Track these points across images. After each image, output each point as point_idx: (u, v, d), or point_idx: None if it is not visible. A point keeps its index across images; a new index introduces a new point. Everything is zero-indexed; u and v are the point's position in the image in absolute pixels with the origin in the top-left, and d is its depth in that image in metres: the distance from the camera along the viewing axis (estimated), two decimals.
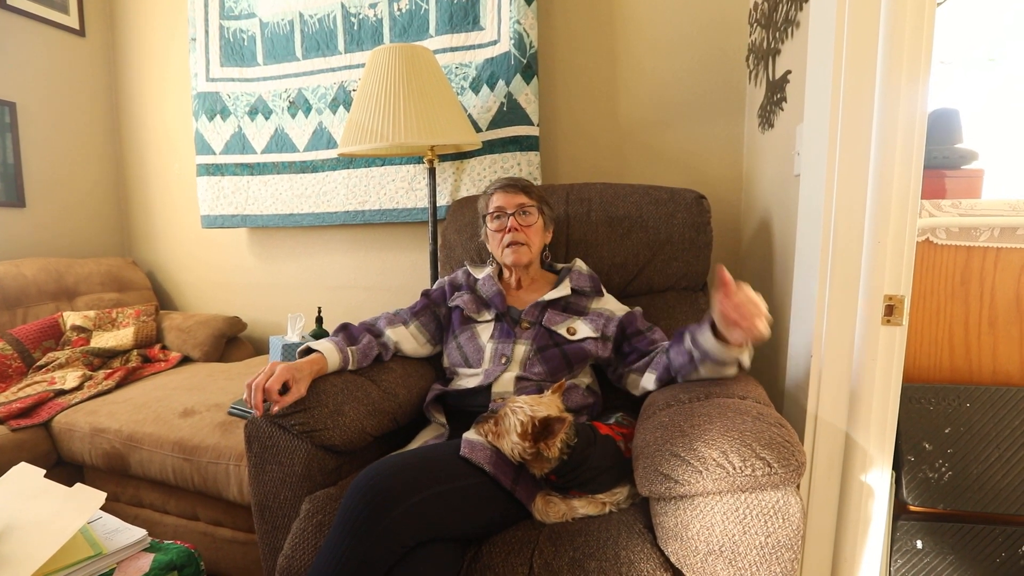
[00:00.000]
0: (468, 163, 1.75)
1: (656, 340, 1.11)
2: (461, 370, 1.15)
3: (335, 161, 1.89)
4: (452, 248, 1.47)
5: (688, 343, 0.93)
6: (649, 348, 1.09)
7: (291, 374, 0.95)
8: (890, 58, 0.84)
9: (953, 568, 1.00)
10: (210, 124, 2.04)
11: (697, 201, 1.31)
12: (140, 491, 1.44)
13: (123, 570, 0.79)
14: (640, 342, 1.11)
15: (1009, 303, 0.99)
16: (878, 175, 0.86)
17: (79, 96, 2.23)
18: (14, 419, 1.45)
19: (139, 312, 1.99)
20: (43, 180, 2.12)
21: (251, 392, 0.93)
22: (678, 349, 0.96)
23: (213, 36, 2.02)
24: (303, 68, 1.91)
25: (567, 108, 1.74)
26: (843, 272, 0.90)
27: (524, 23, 1.59)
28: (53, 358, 1.73)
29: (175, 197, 2.29)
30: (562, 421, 0.83)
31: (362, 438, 1.01)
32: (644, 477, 0.78)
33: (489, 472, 0.84)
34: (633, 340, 1.12)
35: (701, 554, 0.72)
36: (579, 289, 1.20)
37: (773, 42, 1.27)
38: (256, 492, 1.00)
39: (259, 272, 2.18)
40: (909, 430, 0.99)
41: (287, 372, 0.94)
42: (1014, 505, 0.97)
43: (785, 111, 1.20)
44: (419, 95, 1.42)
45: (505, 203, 1.18)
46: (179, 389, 1.58)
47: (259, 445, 0.99)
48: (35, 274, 1.89)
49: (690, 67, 1.60)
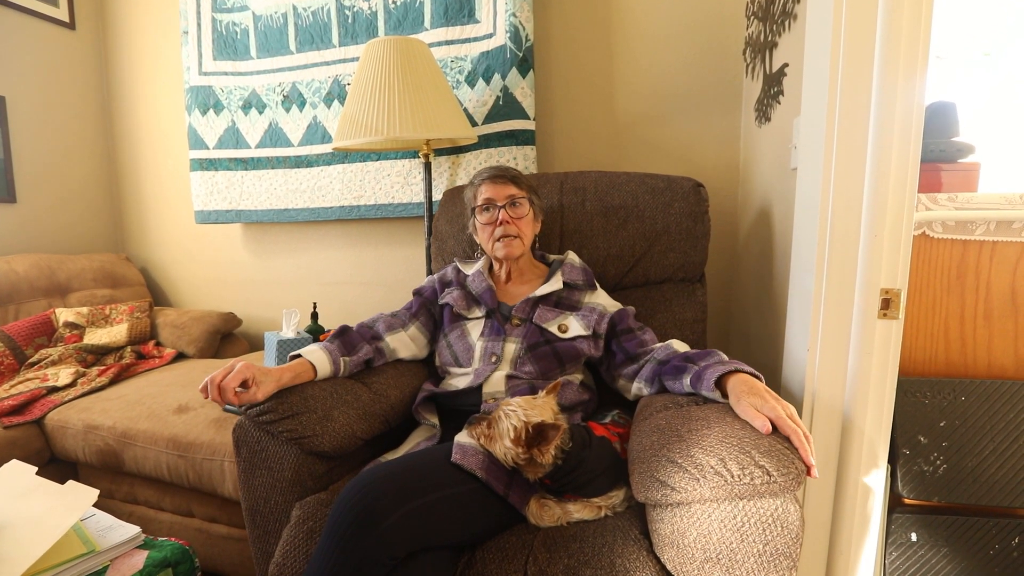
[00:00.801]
0: (464, 157, 1.73)
1: (647, 342, 1.08)
2: (452, 369, 1.14)
3: (330, 156, 1.88)
4: (444, 240, 1.45)
5: (687, 387, 0.91)
6: (639, 350, 1.07)
7: (251, 374, 0.91)
8: (888, 51, 0.83)
9: (947, 560, 1.01)
10: (203, 118, 2.02)
11: (695, 189, 1.29)
12: (134, 488, 1.43)
13: (117, 567, 0.78)
14: (629, 342, 1.09)
15: (1004, 297, 0.99)
16: (875, 168, 0.86)
17: (70, 90, 2.20)
18: (6, 416, 1.44)
19: (133, 308, 1.98)
20: (34, 175, 2.10)
21: (208, 387, 0.89)
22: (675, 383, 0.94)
23: (205, 29, 1.99)
24: (297, 62, 1.89)
25: (563, 102, 1.73)
26: (840, 265, 0.90)
27: (520, 16, 1.58)
28: (46, 355, 1.71)
29: (168, 192, 2.27)
30: (556, 429, 0.81)
31: (352, 443, 0.98)
32: (640, 484, 0.77)
33: (481, 478, 0.82)
34: (622, 338, 1.10)
35: (698, 562, 0.71)
36: (571, 283, 1.18)
37: (770, 35, 1.26)
38: (246, 497, 0.98)
39: (254, 268, 2.17)
40: (904, 423, 0.99)
41: (247, 371, 0.91)
42: (1008, 498, 0.98)
43: (782, 105, 1.20)
44: (414, 89, 1.41)
45: (494, 195, 1.15)
46: (173, 385, 1.57)
47: (248, 450, 0.97)
48: (27, 270, 1.87)
49: (687, 61, 1.59)
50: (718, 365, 0.87)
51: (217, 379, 0.89)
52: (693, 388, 0.89)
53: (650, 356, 1.04)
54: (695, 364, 0.91)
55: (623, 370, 1.08)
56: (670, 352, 1.01)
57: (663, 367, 0.98)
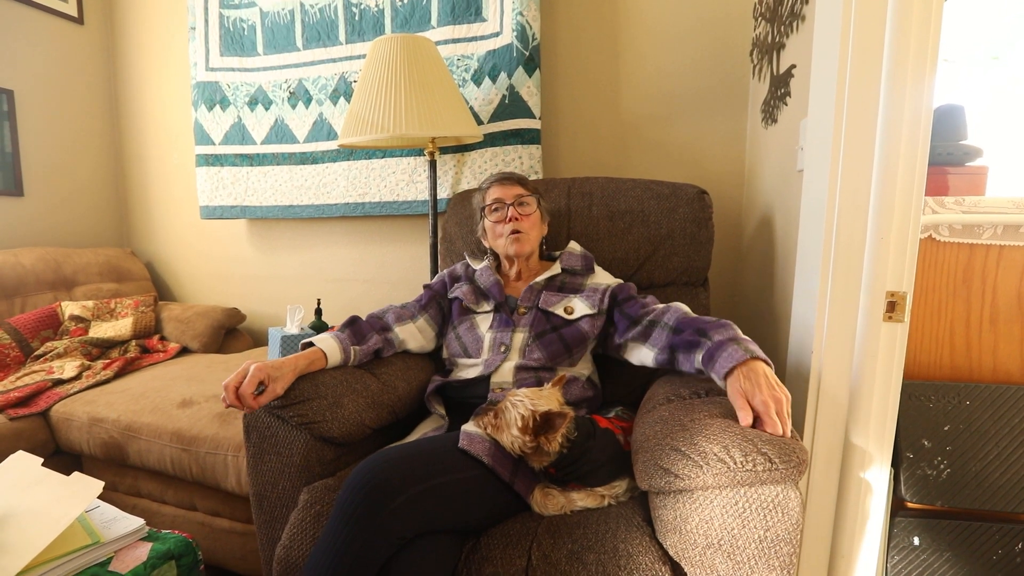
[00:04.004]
0: (469, 156, 1.74)
1: (648, 304, 1.07)
2: (460, 360, 1.15)
3: (335, 153, 1.88)
4: (452, 241, 1.47)
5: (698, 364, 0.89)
6: (641, 312, 1.06)
7: (266, 373, 0.92)
8: (897, 53, 0.83)
9: (949, 565, 1.00)
10: (209, 114, 2.03)
11: (699, 196, 1.30)
12: (138, 481, 1.44)
13: (121, 559, 0.79)
14: (631, 307, 1.08)
15: (1010, 301, 0.99)
16: (882, 171, 0.86)
17: (77, 84, 2.22)
18: (12, 408, 1.44)
19: (138, 303, 1.99)
20: (41, 169, 2.11)
21: (225, 394, 0.91)
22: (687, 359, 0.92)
23: (213, 25, 2.00)
24: (304, 58, 1.89)
25: (569, 101, 1.73)
26: (845, 268, 0.90)
27: (527, 15, 1.58)
28: (51, 348, 1.72)
29: (174, 187, 2.28)
30: (563, 416, 0.83)
31: (361, 430, 1.01)
32: (644, 471, 0.78)
33: (487, 464, 0.84)
34: (624, 306, 1.10)
35: (700, 547, 0.72)
36: (569, 268, 1.20)
37: (778, 36, 1.26)
38: (254, 482, 1.00)
39: (258, 263, 2.17)
40: (908, 427, 0.99)
41: (260, 372, 0.91)
42: (1012, 503, 0.97)
43: (789, 106, 1.20)
44: (420, 87, 1.41)
45: (503, 194, 1.19)
46: (177, 380, 1.58)
47: (257, 435, 0.99)
48: (33, 263, 1.88)
49: (693, 61, 1.59)
50: (731, 345, 0.84)
51: (232, 385, 0.90)
52: (704, 367, 0.87)
53: (656, 317, 1.02)
54: (708, 339, 0.88)
55: (628, 334, 1.06)
56: (680, 317, 0.98)
57: (677, 336, 0.95)
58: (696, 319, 0.96)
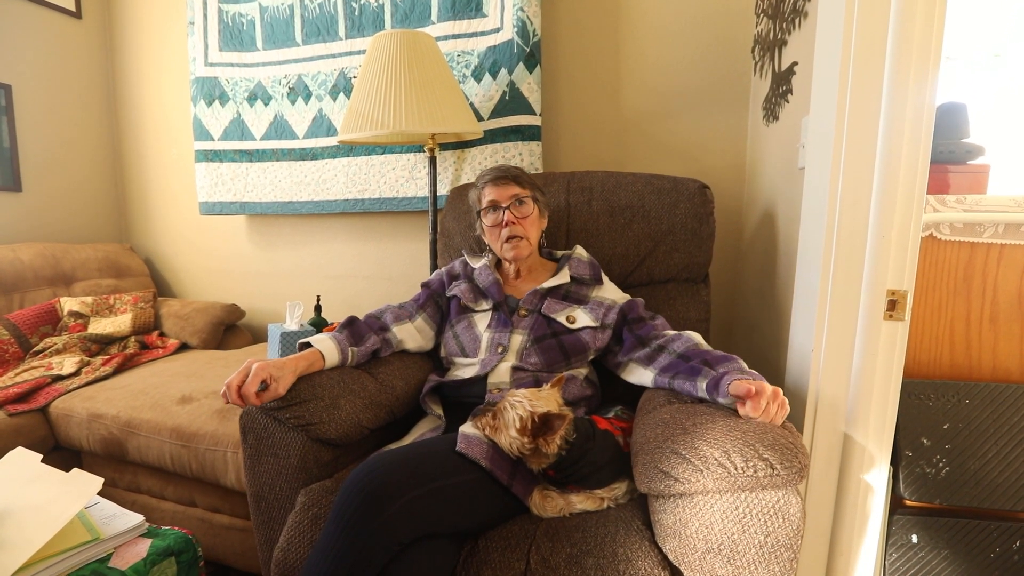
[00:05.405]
0: (469, 152, 1.73)
1: (658, 327, 1.08)
2: (457, 359, 1.14)
3: (335, 149, 1.87)
4: (451, 236, 1.46)
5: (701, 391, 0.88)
6: (651, 335, 1.06)
7: (268, 373, 0.92)
8: (899, 50, 0.82)
9: (947, 563, 1.01)
10: (208, 109, 2.02)
11: (700, 191, 1.29)
12: (138, 477, 1.44)
13: (120, 555, 0.79)
14: (642, 329, 1.08)
15: (1011, 300, 0.99)
16: (884, 169, 0.85)
17: (75, 79, 2.20)
18: (11, 404, 1.44)
19: (137, 299, 1.98)
20: (40, 164, 2.10)
21: (227, 393, 0.90)
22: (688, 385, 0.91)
23: (212, 20, 1.99)
24: (303, 54, 1.88)
25: (570, 97, 1.72)
26: (846, 266, 0.90)
27: (528, 10, 1.57)
28: (50, 343, 1.72)
29: (173, 183, 2.27)
30: (562, 418, 0.82)
31: (358, 431, 1.00)
32: (644, 474, 0.77)
33: (485, 467, 0.83)
34: (634, 327, 1.10)
35: (699, 552, 0.72)
36: (578, 277, 1.18)
37: (780, 33, 1.25)
38: (252, 484, 0.99)
39: (258, 260, 2.17)
40: (908, 425, 0.99)
41: (263, 371, 0.91)
42: (1010, 501, 0.98)
43: (790, 103, 1.19)
44: (420, 83, 1.40)
45: (498, 196, 1.16)
46: (177, 376, 1.58)
47: (254, 437, 0.98)
48: (32, 259, 1.88)
49: (695, 57, 1.58)
50: (737, 373, 0.84)
51: (235, 384, 0.90)
52: (708, 395, 0.87)
53: (665, 343, 1.02)
54: (713, 369, 0.89)
55: (634, 354, 1.06)
56: (691, 346, 0.98)
57: (682, 363, 0.95)
58: (706, 351, 0.95)
